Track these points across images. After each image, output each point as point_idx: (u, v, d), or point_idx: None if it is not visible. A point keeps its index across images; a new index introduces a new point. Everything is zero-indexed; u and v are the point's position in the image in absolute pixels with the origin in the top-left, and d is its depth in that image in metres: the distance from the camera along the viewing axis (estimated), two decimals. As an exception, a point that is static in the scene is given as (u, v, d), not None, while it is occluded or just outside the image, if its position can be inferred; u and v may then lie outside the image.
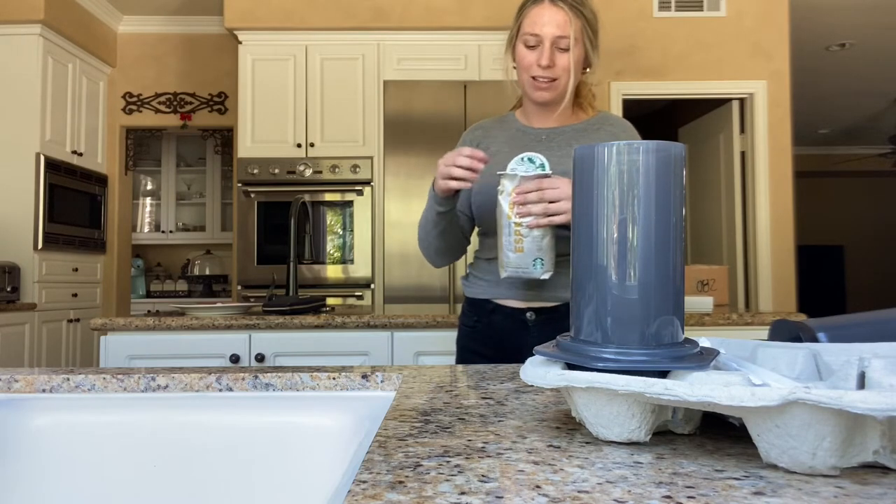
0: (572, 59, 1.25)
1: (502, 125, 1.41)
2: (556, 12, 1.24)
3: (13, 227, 3.76)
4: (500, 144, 1.37)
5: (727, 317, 1.88)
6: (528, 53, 1.27)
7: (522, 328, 1.29)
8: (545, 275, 1.15)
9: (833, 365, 0.54)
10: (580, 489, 0.39)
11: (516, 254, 1.15)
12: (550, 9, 1.24)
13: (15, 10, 3.77)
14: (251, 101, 3.71)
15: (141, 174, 5.74)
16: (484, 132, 1.41)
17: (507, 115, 1.43)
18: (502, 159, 1.33)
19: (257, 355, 1.81)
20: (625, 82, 3.86)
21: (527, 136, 1.36)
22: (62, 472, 0.76)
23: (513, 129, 1.38)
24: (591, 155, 0.54)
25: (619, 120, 1.39)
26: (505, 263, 1.17)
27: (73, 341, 4.12)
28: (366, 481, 0.40)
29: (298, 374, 0.83)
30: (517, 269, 1.16)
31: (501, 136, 1.38)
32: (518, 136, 1.37)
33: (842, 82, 5.86)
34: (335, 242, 3.68)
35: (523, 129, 1.37)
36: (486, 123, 1.43)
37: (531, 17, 1.26)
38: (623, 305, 0.51)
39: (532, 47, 1.26)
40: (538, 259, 1.14)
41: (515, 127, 1.39)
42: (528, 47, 1.27)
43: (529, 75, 1.28)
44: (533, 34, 1.25)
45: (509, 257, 1.16)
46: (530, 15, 1.26)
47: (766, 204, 3.87)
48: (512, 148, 1.34)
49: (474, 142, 1.40)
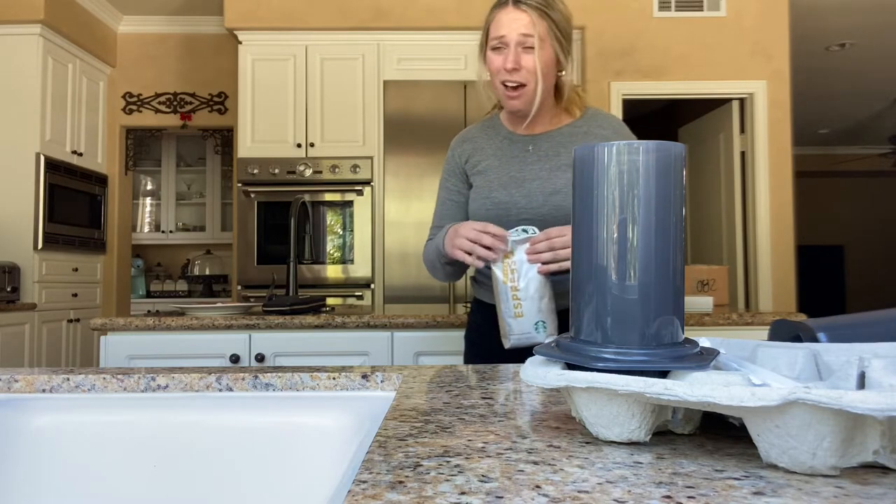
0: (538, 60, 1.24)
1: (489, 133, 1.41)
2: (519, 14, 1.24)
3: (13, 227, 3.76)
4: (490, 159, 1.37)
5: (727, 317, 1.88)
6: (495, 58, 1.28)
7: None
8: (549, 339, 1.15)
9: (833, 365, 0.54)
10: (580, 489, 0.39)
11: (516, 319, 1.14)
12: (514, 11, 1.25)
13: (15, 10, 3.77)
14: (251, 101, 3.71)
15: (141, 174, 5.74)
16: (472, 146, 1.41)
17: (493, 118, 1.43)
18: (494, 177, 1.35)
19: (257, 355, 1.81)
20: (625, 82, 3.86)
21: (514, 146, 1.36)
22: (62, 472, 0.76)
23: (500, 138, 1.39)
24: (591, 155, 0.54)
25: (608, 118, 1.38)
26: (507, 332, 1.16)
27: (73, 341, 4.12)
28: (366, 481, 0.40)
29: (298, 374, 0.83)
30: (520, 336, 1.15)
31: (489, 149, 1.39)
32: (505, 145, 1.37)
33: (842, 82, 5.86)
34: (335, 242, 3.68)
35: (510, 136, 1.38)
36: (473, 133, 1.44)
37: (496, 22, 1.27)
38: (623, 305, 0.51)
39: (498, 50, 1.27)
40: (539, 322, 1.13)
41: (502, 135, 1.39)
42: (495, 51, 1.28)
43: (499, 81, 1.28)
44: (498, 37, 1.26)
45: (510, 325, 1.15)
46: (496, 20, 1.28)
47: (766, 204, 3.86)
48: (501, 161, 1.36)
49: (463, 157, 1.41)
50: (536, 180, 1.31)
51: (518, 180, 1.33)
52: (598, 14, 3.82)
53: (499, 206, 1.32)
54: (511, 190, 1.31)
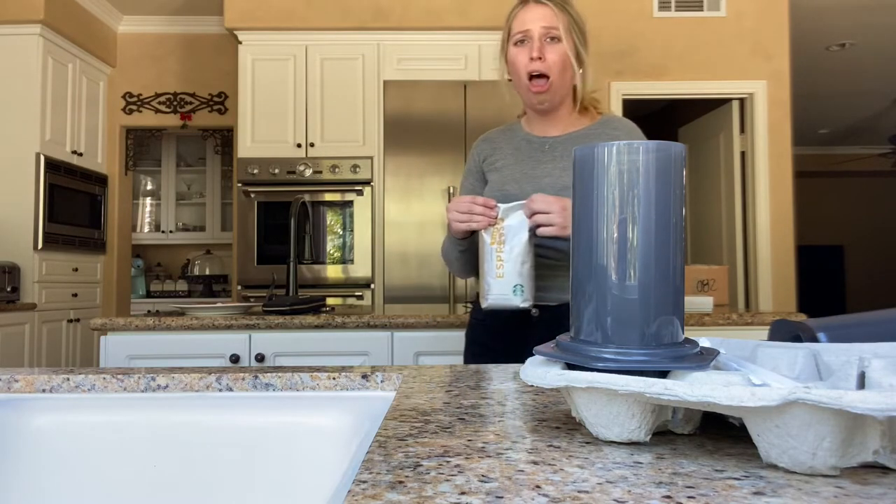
0: (563, 52, 1.28)
1: (508, 135, 1.44)
2: (541, 8, 1.29)
3: (13, 227, 3.76)
4: (507, 157, 1.41)
5: (727, 317, 1.88)
6: (519, 52, 1.31)
7: (527, 324, 1.32)
8: (524, 303, 1.18)
9: (833, 365, 0.53)
10: (580, 489, 0.39)
11: (497, 280, 1.18)
12: (536, 7, 1.29)
13: (15, 10, 3.77)
14: (251, 101, 3.71)
15: (141, 174, 5.74)
16: (491, 145, 1.45)
17: (514, 124, 1.47)
18: (508, 173, 1.38)
19: (257, 355, 1.81)
20: (625, 82, 3.86)
21: (531, 146, 1.39)
22: (62, 472, 0.76)
23: (518, 139, 1.42)
24: (591, 155, 0.54)
25: (623, 122, 1.40)
26: (486, 292, 1.20)
27: (73, 341, 4.12)
28: (366, 481, 0.40)
29: (298, 374, 0.83)
30: (498, 297, 1.19)
31: (507, 148, 1.42)
32: (523, 145, 1.40)
33: (842, 82, 5.86)
34: (335, 242, 3.68)
35: (528, 137, 1.41)
36: (493, 135, 1.48)
37: (519, 18, 1.31)
38: (623, 305, 0.51)
39: (522, 44, 1.30)
40: (518, 286, 1.17)
41: (521, 136, 1.42)
42: (518, 45, 1.31)
43: (525, 75, 1.30)
44: (522, 31, 1.30)
45: (490, 284, 1.19)
46: (517, 17, 1.32)
47: (766, 204, 3.86)
48: (517, 160, 1.39)
49: (481, 156, 1.46)
50: (548, 177, 1.33)
51: (531, 177, 1.35)
52: (597, 14, 3.82)
53: (509, 198, 1.33)
54: (523, 184, 1.34)
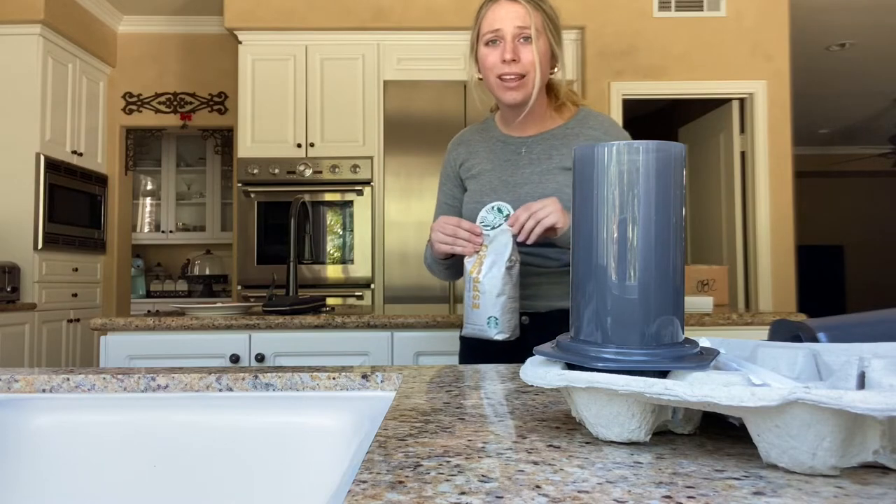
0: (536, 51, 1.22)
1: (483, 136, 1.41)
2: (513, 6, 1.22)
3: (13, 227, 3.76)
4: (483, 162, 1.37)
5: (727, 317, 1.88)
6: (490, 52, 1.24)
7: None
8: (499, 336, 1.17)
9: (833, 365, 0.54)
10: (580, 489, 0.39)
11: (473, 311, 1.18)
12: (508, 4, 1.22)
13: (15, 10, 3.76)
14: (251, 101, 3.71)
15: (141, 174, 5.74)
16: (467, 149, 1.41)
17: (488, 121, 1.43)
18: (486, 181, 1.35)
19: (257, 355, 1.81)
20: (625, 82, 3.86)
21: (507, 148, 1.36)
22: (62, 472, 0.76)
23: (493, 140, 1.38)
24: (591, 155, 0.54)
25: (599, 118, 1.36)
26: (465, 319, 1.21)
27: (73, 341, 4.12)
28: (366, 481, 0.40)
29: (298, 374, 0.83)
30: (474, 327, 1.19)
31: (483, 151, 1.38)
32: (499, 148, 1.37)
33: (842, 82, 5.85)
34: (335, 242, 3.68)
35: (503, 138, 1.37)
36: (467, 136, 1.43)
37: (490, 16, 1.24)
38: (623, 305, 0.51)
39: (493, 44, 1.24)
40: (492, 318, 1.16)
41: (496, 137, 1.39)
42: (490, 45, 1.24)
43: (495, 75, 1.25)
44: (493, 30, 1.23)
45: (468, 314, 1.20)
46: (488, 14, 1.24)
47: (766, 204, 3.86)
48: (494, 165, 1.36)
49: (457, 161, 1.42)
50: (528, 185, 1.31)
51: (510, 185, 1.32)
52: (598, 14, 3.82)
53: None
54: (503, 195, 1.31)
